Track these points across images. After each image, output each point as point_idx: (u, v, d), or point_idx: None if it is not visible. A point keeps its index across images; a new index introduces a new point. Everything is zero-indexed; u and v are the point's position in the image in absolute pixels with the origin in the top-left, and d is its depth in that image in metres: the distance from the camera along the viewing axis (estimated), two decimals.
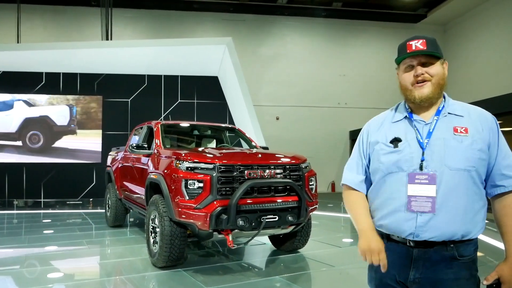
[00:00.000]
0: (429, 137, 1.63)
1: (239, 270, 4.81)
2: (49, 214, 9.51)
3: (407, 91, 1.70)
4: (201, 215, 4.25)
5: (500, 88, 12.62)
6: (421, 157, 1.61)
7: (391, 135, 1.72)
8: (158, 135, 5.72)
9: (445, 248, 1.58)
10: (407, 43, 1.71)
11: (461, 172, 1.57)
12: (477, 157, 1.58)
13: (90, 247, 6.12)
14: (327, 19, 17.36)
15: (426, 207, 1.58)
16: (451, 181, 1.57)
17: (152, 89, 12.57)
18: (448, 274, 1.58)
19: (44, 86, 12.07)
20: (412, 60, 1.69)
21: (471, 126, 1.62)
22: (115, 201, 7.22)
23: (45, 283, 4.27)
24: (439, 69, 1.67)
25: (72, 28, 15.48)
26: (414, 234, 1.60)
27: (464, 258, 1.59)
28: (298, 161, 4.94)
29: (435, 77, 1.66)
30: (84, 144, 12.29)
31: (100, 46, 11.85)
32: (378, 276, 1.73)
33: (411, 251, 1.62)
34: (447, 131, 1.62)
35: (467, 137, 1.59)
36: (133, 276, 4.55)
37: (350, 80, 17.51)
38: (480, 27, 15.73)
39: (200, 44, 11.89)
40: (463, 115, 1.66)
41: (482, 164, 1.60)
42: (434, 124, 1.65)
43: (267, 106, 16.53)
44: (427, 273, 1.60)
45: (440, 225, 1.57)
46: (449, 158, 1.58)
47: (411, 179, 1.62)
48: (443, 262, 1.58)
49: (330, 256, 5.46)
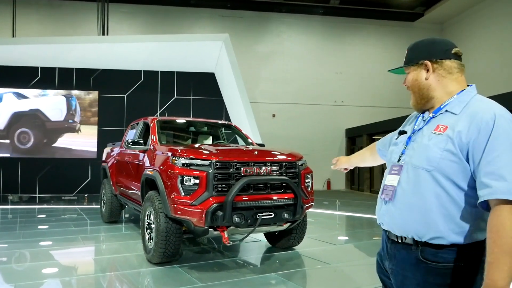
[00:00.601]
0: (415, 133, 1.67)
1: (234, 267, 4.81)
2: (44, 209, 9.48)
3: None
4: (197, 211, 4.25)
5: (497, 87, 12.67)
6: (402, 150, 1.68)
7: (403, 128, 1.81)
8: (154, 131, 5.70)
9: (410, 247, 1.56)
10: None
11: (419, 170, 1.54)
12: (440, 157, 1.48)
13: (85, 242, 6.10)
14: (324, 16, 17.35)
15: (388, 195, 1.64)
16: (411, 177, 1.57)
17: (148, 85, 12.53)
18: (416, 273, 1.54)
19: (40, 81, 12.01)
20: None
21: (455, 125, 1.51)
22: (111, 197, 7.20)
23: (40, 279, 4.25)
24: (411, 76, 1.70)
25: (68, 23, 15.39)
26: (380, 222, 1.69)
27: (434, 264, 1.49)
28: (294, 158, 4.94)
29: (411, 87, 1.70)
30: (80, 142, 12.21)
31: (96, 41, 11.78)
32: (378, 259, 1.82)
33: (388, 241, 1.69)
34: (430, 128, 1.59)
35: (440, 135, 1.52)
36: (128, 272, 4.54)
37: (346, 78, 17.52)
38: (477, 26, 15.77)
39: (197, 40, 11.85)
40: (457, 113, 1.55)
41: (452, 166, 1.47)
42: (427, 121, 1.65)
43: (263, 103, 16.52)
44: (397, 267, 1.63)
45: (395, 217, 1.61)
46: (414, 155, 1.59)
47: (390, 169, 1.70)
48: (409, 260, 1.57)
49: (325, 254, 5.47)
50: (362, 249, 5.90)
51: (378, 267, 1.83)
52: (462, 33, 16.63)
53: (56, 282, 4.16)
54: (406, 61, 1.72)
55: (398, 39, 17.19)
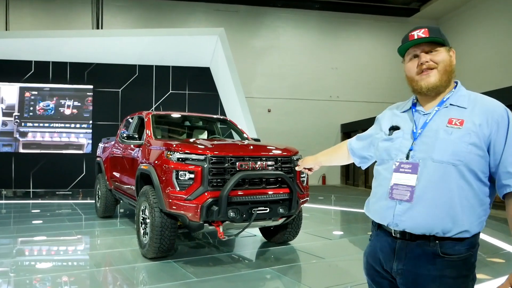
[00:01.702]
0: (424, 128, 1.61)
1: (230, 261, 4.82)
2: (38, 204, 9.43)
3: (413, 82, 1.66)
4: (192, 206, 4.24)
5: (493, 83, 12.72)
6: (410, 147, 1.61)
7: (392, 124, 1.74)
8: (149, 125, 5.67)
9: (427, 243, 1.53)
10: (410, 33, 1.67)
11: (444, 165, 1.51)
12: (467, 151, 1.49)
13: (80, 237, 6.08)
14: (320, 11, 17.31)
15: (405, 196, 1.56)
16: (433, 173, 1.53)
17: (143, 79, 12.46)
18: (431, 270, 1.53)
19: (34, 75, 11.91)
20: (415, 49, 1.65)
21: (470, 119, 1.53)
22: (105, 192, 7.17)
23: (34, 273, 4.24)
24: (445, 55, 1.62)
25: (61, 17, 15.27)
26: (393, 222, 1.59)
27: (451, 257, 1.51)
28: (290, 153, 4.93)
29: (441, 64, 1.60)
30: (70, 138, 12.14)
31: (91, 35, 11.69)
32: (369, 262, 1.75)
33: (395, 241, 1.62)
34: (442, 122, 1.57)
35: (459, 129, 1.52)
36: (122, 267, 4.53)
37: (342, 73, 17.52)
38: (472, 21, 15.79)
39: (192, 35, 11.78)
40: (467, 107, 1.57)
41: (476, 160, 1.49)
42: (433, 115, 1.61)
43: (259, 98, 16.50)
44: (409, 266, 1.57)
45: (417, 216, 1.53)
46: (435, 150, 1.53)
47: (397, 167, 1.62)
48: (425, 257, 1.54)
49: (321, 248, 5.49)
50: (357, 243, 5.92)
51: (370, 270, 1.76)
52: (458, 29, 16.65)
53: (50, 277, 4.14)
54: (443, 40, 1.62)
55: (394, 35, 17.18)
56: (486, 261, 4.91)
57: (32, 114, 11.96)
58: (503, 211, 7.02)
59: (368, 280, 1.78)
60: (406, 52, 1.70)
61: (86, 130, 12.19)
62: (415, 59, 1.66)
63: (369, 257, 1.75)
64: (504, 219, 8.41)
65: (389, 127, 1.74)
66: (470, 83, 15.91)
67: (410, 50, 1.68)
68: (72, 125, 12.12)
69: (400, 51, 1.72)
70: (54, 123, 12.05)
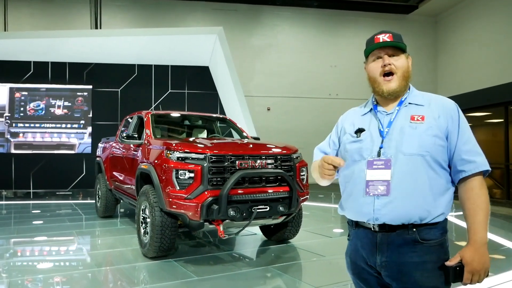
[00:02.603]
0: (389, 126, 1.74)
1: (230, 260, 4.82)
2: (38, 204, 9.44)
3: (375, 83, 1.79)
4: (192, 205, 4.24)
5: (490, 80, 12.72)
6: (380, 145, 1.72)
7: (357, 126, 1.85)
8: (148, 125, 5.68)
9: (406, 232, 1.64)
10: (375, 36, 1.80)
11: (414, 156, 1.65)
12: (432, 142, 1.65)
13: (80, 237, 6.09)
14: (318, 9, 17.28)
15: (381, 190, 1.67)
16: (405, 165, 1.65)
17: (142, 79, 12.45)
18: (413, 257, 1.64)
19: (33, 75, 11.90)
20: (380, 51, 1.78)
21: (429, 114, 1.70)
22: (105, 192, 7.18)
23: (35, 274, 4.24)
24: (404, 62, 1.77)
25: (60, 17, 15.24)
26: (373, 217, 1.68)
27: (429, 242, 1.64)
28: (289, 151, 4.94)
29: (400, 69, 1.75)
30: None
31: (89, 35, 11.68)
32: (352, 260, 1.83)
33: (375, 235, 1.70)
34: (405, 119, 1.72)
35: (422, 124, 1.68)
36: (123, 266, 4.54)
37: (341, 71, 17.50)
38: (470, 18, 15.78)
39: (191, 34, 11.77)
40: (423, 104, 1.74)
41: (439, 150, 1.66)
42: (395, 114, 1.75)
43: (258, 97, 16.48)
44: (392, 257, 1.67)
45: (396, 208, 1.64)
46: (404, 144, 1.67)
47: (369, 165, 1.72)
48: (406, 245, 1.65)
49: (321, 246, 5.50)
50: None
51: (354, 268, 1.82)
52: (456, 26, 16.64)
53: (51, 277, 4.15)
54: (405, 46, 1.78)
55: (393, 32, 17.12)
56: None
57: (23, 115, 11.89)
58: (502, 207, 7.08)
59: (354, 279, 1.85)
60: (370, 53, 1.82)
61: (77, 130, 12.11)
62: (379, 60, 1.78)
63: (352, 256, 1.83)
64: (504, 215, 8.42)
65: (354, 130, 1.85)
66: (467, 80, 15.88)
67: (374, 51, 1.80)
68: (63, 125, 12.05)
69: (365, 52, 1.84)
70: (45, 123, 11.97)
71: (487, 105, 10.94)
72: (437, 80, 17.56)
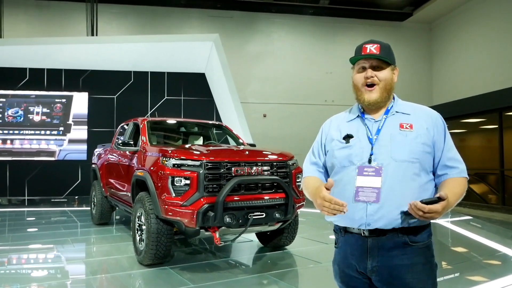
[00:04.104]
0: (378, 133, 1.77)
1: (226, 267, 4.81)
2: (33, 212, 9.38)
3: (358, 91, 1.86)
4: (188, 212, 4.23)
5: (484, 86, 12.81)
6: (370, 152, 1.74)
7: (344, 133, 1.86)
8: (144, 132, 5.67)
9: (396, 235, 1.68)
10: (363, 45, 1.84)
11: (405, 163, 1.70)
12: (421, 150, 1.71)
13: (75, 245, 6.05)
14: (314, 16, 17.38)
15: (371, 197, 1.68)
16: (397, 172, 1.69)
17: (138, 85, 12.44)
18: (403, 260, 1.68)
19: (28, 82, 11.86)
20: (365, 62, 1.83)
21: (416, 122, 1.77)
22: (101, 199, 7.14)
23: (29, 282, 4.21)
24: (388, 74, 1.81)
25: (56, 24, 15.23)
26: (365, 223, 1.70)
27: (417, 244, 1.70)
28: (285, 158, 4.94)
29: (383, 81, 1.80)
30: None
31: (86, 41, 11.68)
32: (341, 268, 1.83)
33: (365, 241, 1.72)
34: (394, 127, 1.77)
35: (411, 132, 1.74)
36: (119, 274, 4.51)
37: (336, 78, 17.56)
38: (465, 25, 15.91)
39: (187, 41, 11.80)
40: (410, 113, 1.81)
41: (426, 157, 1.73)
42: (383, 121, 1.80)
43: (254, 103, 16.50)
44: (383, 261, 1.69)
45: (389, 213, 1.67)
46: (395, 151, 1.71)
47: (360, 171, 1.73)
48: (397, 248, 1.69)
49: (317, 253, 5.49)
50: None
51: (343, 277, 1.82)
52: (451, 33, 16.77)
53: (46, 286, 4.12)
54: (390, 59, 1.81)
55: (387, 39, 17.06)
56: (482, 263, 4.93)
57: (1, 121, 11.75)
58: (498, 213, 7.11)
59: (342, 287, 1.84)
60: (357, 61, 1.88)
61: (56, 137, 11.98)
62: (363, 71, 1.84)
63: (340, 264, 1.83)
64: (499, 220, 8.44)
65: (342, 136, 1.86)
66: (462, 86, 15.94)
67: (360, 61, 1.86)
68: (42, 132, 11.88)
69: (351, 60, 1.92)
70: (24, 130, 11.81)
71: (482, 111, 11.02)
72: (432, 86, 17.65)
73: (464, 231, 6.65)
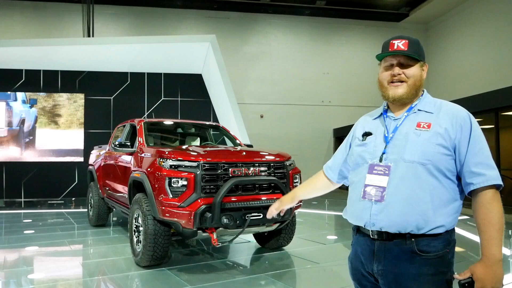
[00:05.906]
0: (394, 132, 1.71)
1: (224, 268, 4.80)
2: (29, 214, 9.34)
3: (383, 88, 1.77)
4: (185, 213, 4.22)
5: (481, 86, 12.85)
6: (383, 150, 1.70)
7: (366, 130, 1.84)
8: (141, 133, 5.66)
9: (404, 242, 1.60)
10: (391, 41, 1.76)
11: (415, 164, 1.61)
12: (435, 151, 1.59)
13: (72, 247, 6.03)
14: (310, 17, 17.41)
15: (376, 196, 1.65)
16: (405, 173, 1.62)
17: (135, 86, 12.43)
18: (410, 268, 1.59)
19: (24, 84, 11.83)
20: (392, 59, 1.74)
21: (436, 122, 1.65)
22: (98, 200, 7.12)
23: (26, 284, 4.19)
24: (417, 71, 1.72)
25: (52, 25, 15.20)
26: (370, 222, 1.66)
27: (428, 254, 1.58)
28: (283, 158, 4.94)
29: (411, 78, 1.71)
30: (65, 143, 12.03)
31: (82, 43, 11.65)
32: (353, 266, 1.82)
33: (373, 243, 1.68)
34: (411, 126, 1.68)
35: (427, 131, 1.63)
36: (116, 275, 4.50)
37: (333, 78, 17.60)
38: (461, 26, 15.98)
39: (184, 42, 11.79)
40: (433, 112, 1.69)
41: (443, 159, 1.60)
42: (402, 120, 1.72)
43: (251, 104, 16.51)
44: (389, 266, 1.63)
45: (392, 214, 1.61)
46: (406, 151, 1.63)
47: (370, 169, 1.71)
48: (404, 255, 1.60)
49: (315, 253, 5.49)
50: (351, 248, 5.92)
51: (355, 274, 1.82)
52: (447, 33, 16.83)
53: None
54: (419, 56, 1.72)
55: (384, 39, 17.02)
56: None
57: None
58: None
59: (356, 284, 1.84)
60: (384, 58, 1.79)
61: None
62: (390, 69, 1.75)
63: (353, 261, 1.82)
64: None
65: (362, 133, 1.84)
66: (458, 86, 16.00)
67: (387, 58, 1.76)
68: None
69: (378, 57, 1.82)
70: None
71: (478, 111, 11.04)
72: (428, 86, 17.69)
73: (461, 231, 6.67)
